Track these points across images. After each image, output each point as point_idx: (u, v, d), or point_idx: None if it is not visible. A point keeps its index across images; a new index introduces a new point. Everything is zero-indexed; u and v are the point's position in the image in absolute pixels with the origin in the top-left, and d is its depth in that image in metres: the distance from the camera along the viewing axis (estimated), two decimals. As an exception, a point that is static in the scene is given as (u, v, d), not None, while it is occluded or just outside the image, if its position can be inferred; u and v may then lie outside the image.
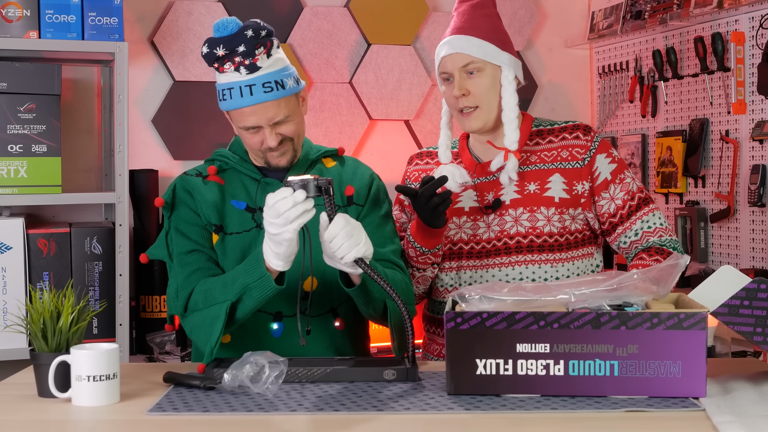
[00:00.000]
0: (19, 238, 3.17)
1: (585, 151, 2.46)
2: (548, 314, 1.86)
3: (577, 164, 2.45)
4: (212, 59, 2.22)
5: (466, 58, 2.41)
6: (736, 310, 1.91)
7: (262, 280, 2.09)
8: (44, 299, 1.94)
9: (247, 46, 2.19)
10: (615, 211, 2.45)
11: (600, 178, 2.45)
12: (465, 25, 2.46)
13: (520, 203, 2.44)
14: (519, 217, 2.43)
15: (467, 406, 1.82)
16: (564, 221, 2.43)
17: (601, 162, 2.46)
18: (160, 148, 3.82)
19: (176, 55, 3.80)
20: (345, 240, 2.01)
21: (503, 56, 2.44)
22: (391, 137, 4.12)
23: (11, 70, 3.16)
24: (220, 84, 2.25)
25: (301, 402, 1.87)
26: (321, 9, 3.99)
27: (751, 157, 3.40)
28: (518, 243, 2.42)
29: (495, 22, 2.49)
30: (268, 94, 2.21)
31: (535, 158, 2.47)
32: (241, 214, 2.29)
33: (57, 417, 1.83)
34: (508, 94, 2.43)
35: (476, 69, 2.42)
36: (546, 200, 2.43)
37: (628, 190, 2.46)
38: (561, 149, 2.48)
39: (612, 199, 2.45)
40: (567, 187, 2.44)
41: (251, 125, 2.23)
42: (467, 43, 2.42)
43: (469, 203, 2.49)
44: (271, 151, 2.27)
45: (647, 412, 1.78)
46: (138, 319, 3.53)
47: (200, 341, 2.15)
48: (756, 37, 3.36)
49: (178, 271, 2.25)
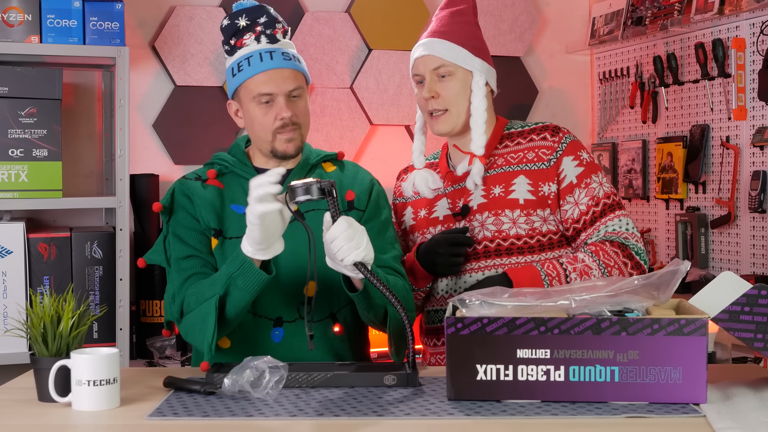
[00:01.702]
0: (20, 243, 3.17)
1: (551, 153, 2.44)
2: (549, 320, 1.86)
3: (542, 165, 2.43)
4: (233, 31, 2.28)
5: (437, 61, 2.43)
6: (736, 316, 1.91)
7: (243, 267, 2.08)
8: (45, 303, 1.94)
9: (269, 18, 2.30)
10: (578, 217, 2.41)
11: (565, 181, 2.42)
12: (441, 29, 2.47)
13: (485, 207, 2.43)
14: (485, 222, 2.42)
15: (467, 411, 1.82)
16: (532, 223, 2.41)
17: (567, 164, 2.43)
18: (161, 153, 3.82)
19: (177, 60, 3.81)
20: (346, 242, 2.01)
21: (476, 62, 2.45)
22: (391, 142, 4.12)
23: (12, 75, 3.16)
24: (236, 59, 2.28)
25: (302, 407, 1.87)
26: (322, 14, 4.00)
27: (751, 163, 3.40)
28: (486, 248, 2.42)
29: (472, 29, 2.50)
30: (287, 62, 2.29)
31: (501, 161, 2.47)
32: (241, 219, 2.28)
33: (57, 422, 1.82)
34: (477, 99, 2.43)
35: (447, 73, 2.43)
36: (510, 203, 2.42)
37: (594, 195, 2.41)
38: (527, 150, 2.46)
39: (576, 204, 2.42)
40: (532, 188, 2.42)
41: (267, 91, 2.25)
42: (440, 46, 2.44)
43: (442, 212, 2.49)
44: (283, 128, 2.27)
45: (648, 418, 1.78)
46: (138, 323, 3.53)
47: (197, 341, 2.15)
48: (757, 43, 3.36)
49: (175, 277, 2.25)
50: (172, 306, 2.22)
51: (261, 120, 2.28)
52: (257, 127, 2.29)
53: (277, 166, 2.34)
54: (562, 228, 2.44)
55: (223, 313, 2.12)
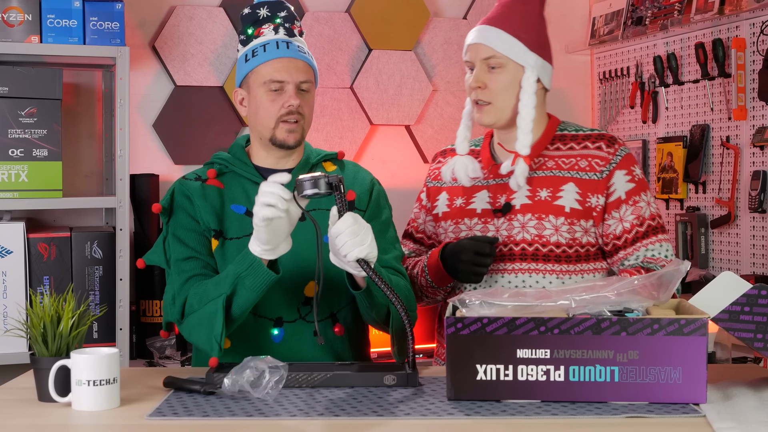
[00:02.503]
0: (20, 243, 3.17)
1: (605, 164, 2.36)
2: (549, 320, 1.86)
3: (594, 176, 2.35)
4: (253, 19, 2.31)
5: (488, 51, 2.34)
6: (736, 316, 1.91)
7: (252, 267, 2.09)
8: (45, 303, 1.94)
9: (289, 13, 2.34)
10: (621, 234, 2.35)
11: (614, 195, 2.35)
12: (498, 17, 2.37)
13: (529, 209, 2.36)
14: (526, 224, 2.35)
15: (467, 411, 1.82)
16: (574, 232, 2.34)
17: (618, 178, 2.36)
18: (161, 153, 3.82)
19: (177, 60, 3.81)
20: (350, 238, 2.01)
21: (529, 56, 2.35)
22: (391, 142, 4.12)
23: (12, 75, 3.16)
24: (251, 46, 2.30)
25: (302, 407, 1.87)
26: (322, 14, 4.00)
27: (751, 163, 3.40)
28: (523, 250, 2.35)
29: (533, 21, 2.39)
30: (302, 54, 2.31)
31: (551, 164, 2.39)
32: (241, 219, 2.28)
33: (57, 421, 1.82)
34: (526, 97, 2.33)
35: (498, 64, 2.34)
36: (556, 209, 2.34)
37: (640, 214, 2.35)
38: (580, 158, 2.38)
39: (621, 221, 2.35)
40: (580, 198, 2.34)
41: (279, 79, 2.27)
42: (494, 35, 2.34)
43: (481, 205, 2.42)
44: (289, 115, 2.27)
45: (647, 418, 1.78)
46: (138, 323, 3.53)
47: (201, 341, 2.14)
48: (757, 43, 3.36)
49: (175, 278, 2.24)
50: (173, 307, 2.22)
51: (267, 106, 2.28)
52: (262, 113, 2.29)
53: (276, 158, 2.34)
54: (601, 242, 2.38)
55: (229, 312, 2.12)
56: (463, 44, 2.45)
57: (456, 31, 4.15)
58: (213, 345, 2.09)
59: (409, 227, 2.60)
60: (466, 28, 4.15)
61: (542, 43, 2.39)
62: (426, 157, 4.13)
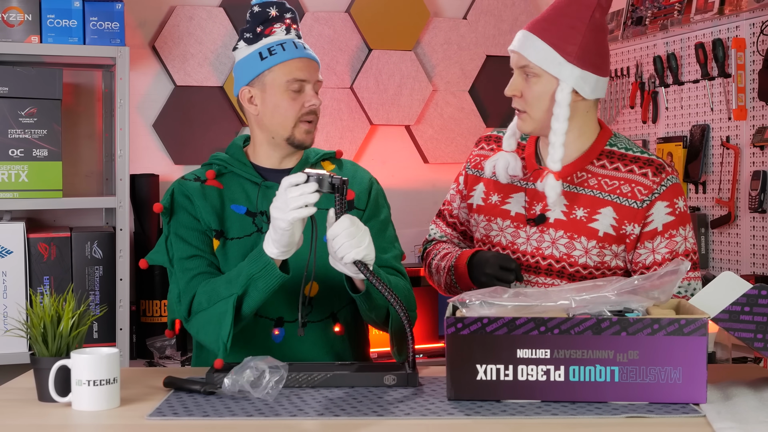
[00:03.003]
0: (20, 243, 3.17)
1: (648, 193, 2.27)
2: (549, 320, 1.86)
3: (635, 204, 2.27)
4: (262, 18, 2.31)
5: (523, 60, 2.26)
6: (736, 316, 1.91)
7: (266, 269, 2.09)
8: (45, 303, 1.94)
9: (294, 15, 2.35)
10: (650, 265, 2.27)
11: (651, 225, 2.27)
12: (541, 23, 2.28)
13: (562, 226, 2.29)
14: (557, 240, 2.29)
15: (467, 411, 1.82)
16: (604, 256, 2.28)
17: (658, 210, 2.27)
18: (161, 153, 3.82)
19: (177, 60, 3.81)
20: (347, 240, 2.01)
21: (565, 68, 2.23)
22: (391, 142, 4.12)
23: (12, 75, 3.16)
24: (266, 44, 2.29)
25: (302, 407, 1.87)
26: (322, 14, 4.00)
27: (751, 163, 3.40)
28: (550, 266, 2.30)
29: (579, 29, 2.25)
30: (316, 56, 2.34)
31: (594, 182, 2.30)
32: (242, 219, 2.28)
33: (57, 421, 1.82)
34: (558, 110, 2.23)
35: (533, 74, 2.25)
36: (590, 231, 2.27)
37: (673, 249, 2.27)
38: (624, 182, 2.29)
39: (653, 252, 2.27)
40: (616, 225, 2.27)
41: (302, 78, 2.28)
42: (530, 45, 2.26)
43: (516, 208, 2.36)
44: (309, 115, 2.29)
45: (648, 418, 1.78)
46: (138, 323, 3.53)
47: (208, 340, 2.14)
48: (757, 43, 3.36)
49: (179, 277, 2.24)
50: (179, 306, 2.22)
51: (287, 105, 2.28)
52: (281, 113, 2.28)
53: (281, 158, 2.34)
54: (629, 267, 2.32)
55: (238, 312, 2.12)
56: (463, 44, 2.44)
57: (456, 31, 4.15)
58: (220, 345, 2.09)
59: (444, 208, 2.57)
60: (466, 28, 4.15)
61: (588, 53, 2.25)
62: (426, 158, 4.13)
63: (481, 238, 2.43)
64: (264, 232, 2.26)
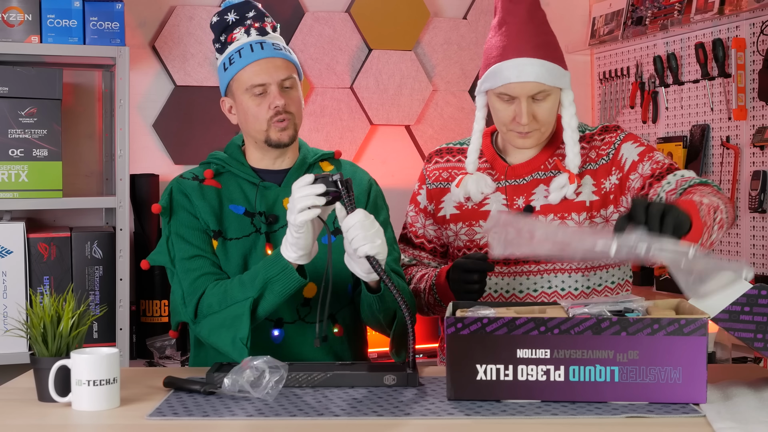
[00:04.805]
0: (20, 243, 3.17)
1: (610, 145, 2.37)
2: (549, 320, 1.86)
3: (603, 160, 2.36)
4: (222, 27, 2.30)
5: (538, 87, 2.27)
6: (736, 316, 1.91)
7: (284, 273, 2.09)
8: (45, 303, 1.94)
9: (257, 12, 2.32)
10: (643, 182, 2.29)
11: (627, 162, 2.33)
12: (533, 45, 2.29)
13: (551, 209, 2.34)
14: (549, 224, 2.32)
15: (467, 411, 1.82)
16: (595, 225, 2.34)
17: (626, 148, 2.35)
18: (161, 153, 3.82)
19: (177, 60, 3.81)
20: (361, 231, 2.01)
21: (564, 76, 2.32)
22: (391, 142, 4.12)
23: (12, 75, 3.16)
24: (227, 54, 2.29)
25: (302, 407, 1.87)
26: (322, 14, 4.00)
27: (751, 163, 3.40)
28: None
29: (552, 35, 2.34)
30: (278, 51, 2.30)
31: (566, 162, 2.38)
32: (240, 219, 2.28)
33: (57, 421, 1.82)
34: (569, 116, 2.33)
35: (544, 96, 2.29)
36: (577, 205, 2.34)
37: (657, 160, 2.31)
38: (590, 150, 2.39)
39: (641, 175, 2.31)
40: (596, 188, 2.34)
41: (260, 82, 2.26)
42: (541, 69, 2.27)
43: (497, 206, 2.38)
44: (278, 115, 2.26)
45: (647, 418, 1.78)
46: (138, 323, 3.53)
47: (222, 342, 2.13)
48: (757, 43, 3.36)
49: (182, 277, 2.23)
50: (184, 307, 2.21)
51: (254, 111, 2.28)
52: (251, 118, 2.29)
53: (272, 159, 2.34)
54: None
55: (253, 315, 2.12)
56: (463, 44, 2.43)
57: (456, 31, 4.15)
58: (238, 346, 2.09)
59: (406, 231, 2.56)
60: (466, 28, 4.15)
61: (561, 53, 2.34)
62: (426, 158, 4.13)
63: (464, 245, 2.43)
64: (263, 232, 2.26)
